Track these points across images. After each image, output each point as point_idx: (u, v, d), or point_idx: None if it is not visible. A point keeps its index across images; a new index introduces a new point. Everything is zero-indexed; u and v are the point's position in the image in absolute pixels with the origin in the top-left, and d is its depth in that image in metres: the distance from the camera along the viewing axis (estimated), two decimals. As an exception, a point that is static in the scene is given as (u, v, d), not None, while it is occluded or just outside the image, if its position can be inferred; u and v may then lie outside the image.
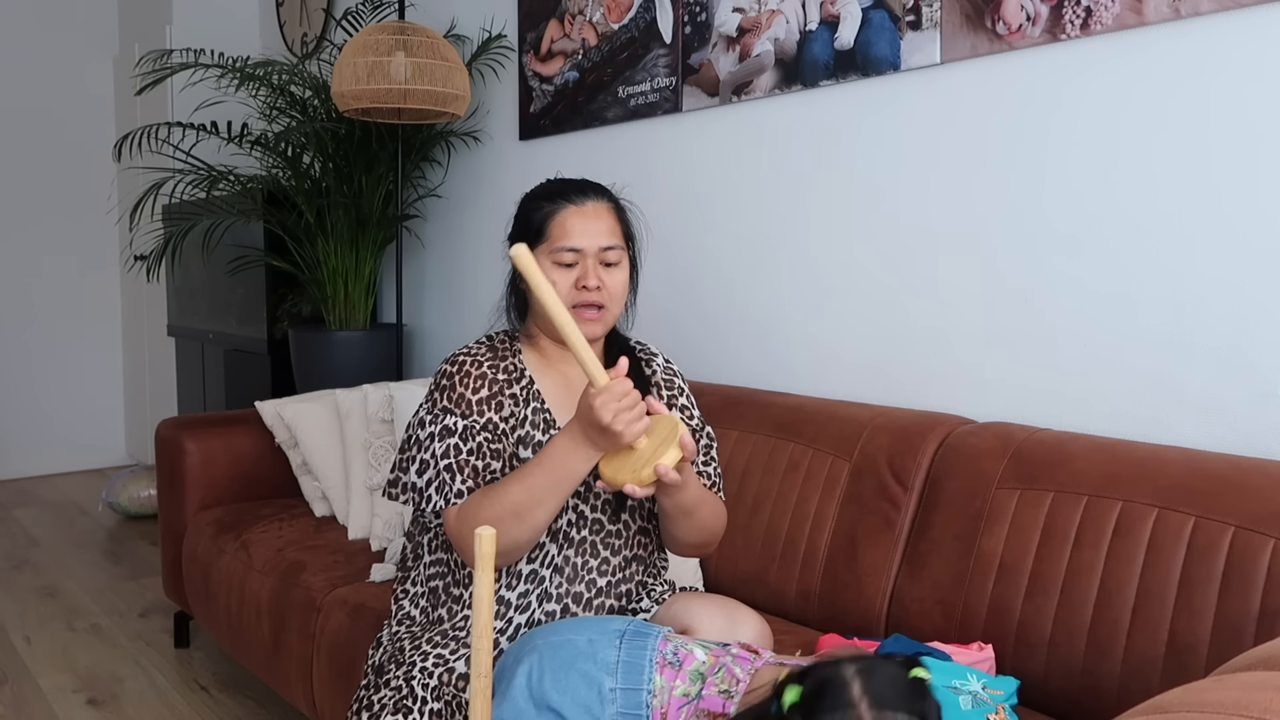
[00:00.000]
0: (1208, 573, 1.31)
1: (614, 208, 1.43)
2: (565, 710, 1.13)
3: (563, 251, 1.37)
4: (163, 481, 2.61)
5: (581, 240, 1.37)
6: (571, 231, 1.37)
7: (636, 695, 1.14)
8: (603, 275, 1.38)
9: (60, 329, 4.89)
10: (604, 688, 1.14)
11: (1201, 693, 0.69)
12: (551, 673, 1.16)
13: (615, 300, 1.40)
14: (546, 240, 1.38)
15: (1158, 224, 1.60)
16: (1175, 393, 1.59)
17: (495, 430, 1.37)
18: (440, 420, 1.37)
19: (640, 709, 1.13)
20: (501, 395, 1.39)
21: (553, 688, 1.15)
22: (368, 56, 2.70)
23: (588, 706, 1.14)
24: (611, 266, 1.39)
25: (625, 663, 1.16)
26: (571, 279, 1.37)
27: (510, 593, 1.39)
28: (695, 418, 1.52)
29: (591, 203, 1.40)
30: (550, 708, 1.14)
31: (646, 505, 1.47)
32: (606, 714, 1.14)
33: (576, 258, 1.37)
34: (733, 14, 2.24)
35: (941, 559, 1.59)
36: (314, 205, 3.14)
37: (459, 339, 3.23)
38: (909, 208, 1.95)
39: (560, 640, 1.20)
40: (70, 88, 4.81)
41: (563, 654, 1.18)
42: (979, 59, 1.81)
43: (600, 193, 1.42)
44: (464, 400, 1.37)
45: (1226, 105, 1.52)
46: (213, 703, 2.41)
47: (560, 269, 1.37)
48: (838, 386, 2.09)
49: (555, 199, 1.40)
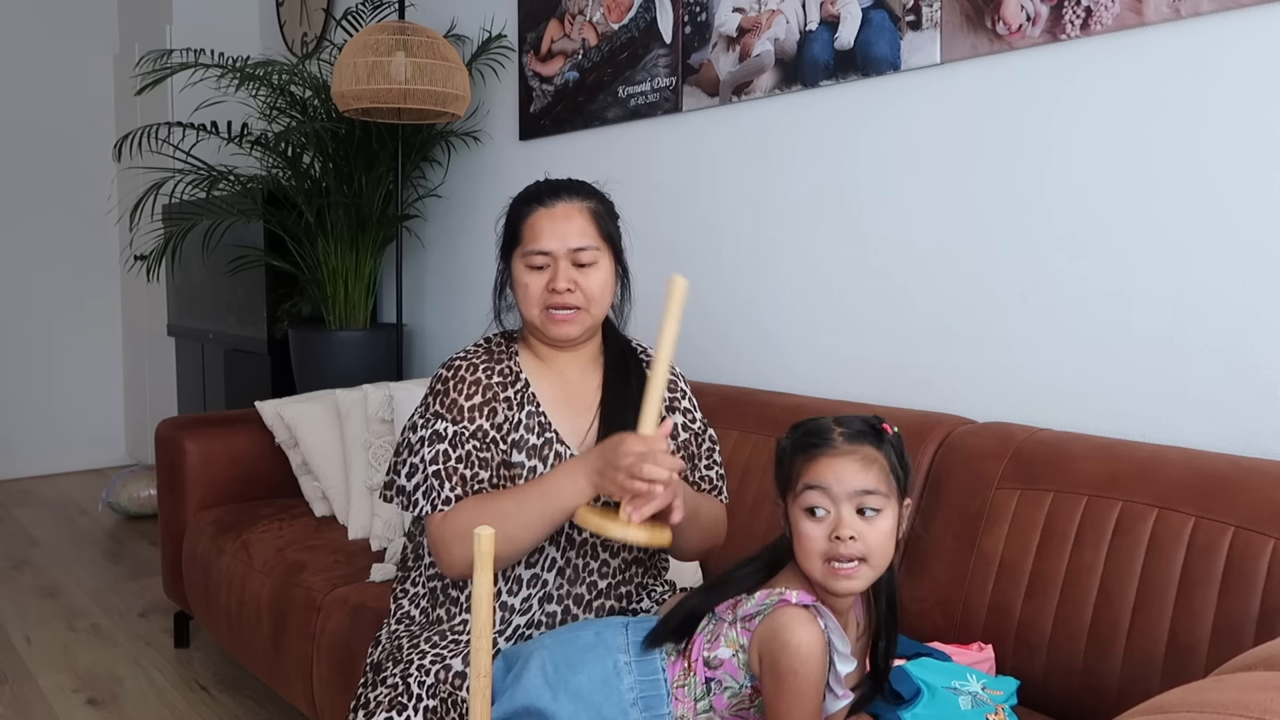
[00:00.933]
0: (1208, 573, 1.31)
1: (588, 207, 1.41)
2: (584, 688, 1.16)
3: (533, 255, 1.37)
4: (163, 481, 2.61)
5: (550, 243, 1.36)
6: (541, 234, 1.37)
7: (651, 663, 1.17)
8: (576, 277, 1.37)
9: (60, 329, 4.89)
10: (619, 662, 1.18)
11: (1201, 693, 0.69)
12: (566, 659, 1.20)
13: (594, 301, 1.39)
14: (521, 244, 1.39)
15: (1158, 224, 1.60)
16: (1175, 393, 1.59)
17: (484, 438, 1.37)
18: (431, 425, 1.37)
19: (657, 674, 1.17)
20: (495, 401, 1.39)
21: (569, 671, 1.18)
22: (368, 56, 2.70)
23: (604, 679, 1.17)
24: (586, 267, 1.38)
25: (635, 642, 1.20)
26: (543, 281, 1.37)
27: (513, 598, 1.39)
28: (697, 420, 1.52)
29: (562, 204, 1.39)
30: (567, 690, 1.17)
31: None
32: (624, 684, 1.16)
33: (547, 260, 1.37)
34: (733, 14, 2.24)
35: (941, 559, 1.59)
36: (314, 205, 3.14)
37: (459, 339, 3.23)
38: (909, 208, 1.95)
39: (569, 636, 1.24)
40: (70, 88, 4.81)
41: (573, 645, 1.21)
42: (979, 59, 1.81)
43: (574, 192, 1.41)
44: (456, 405, 1.37)
45: (1226, 105, 1.52)
46: (213, 703, 2.41)
47: (532, 271, 1.37)
48: (837, 386, 2.09)
49: (530, 202, 1.40)
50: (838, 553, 1.08)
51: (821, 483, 1.10)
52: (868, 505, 1.09)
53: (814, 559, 1.10)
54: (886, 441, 1.12)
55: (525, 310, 1.40)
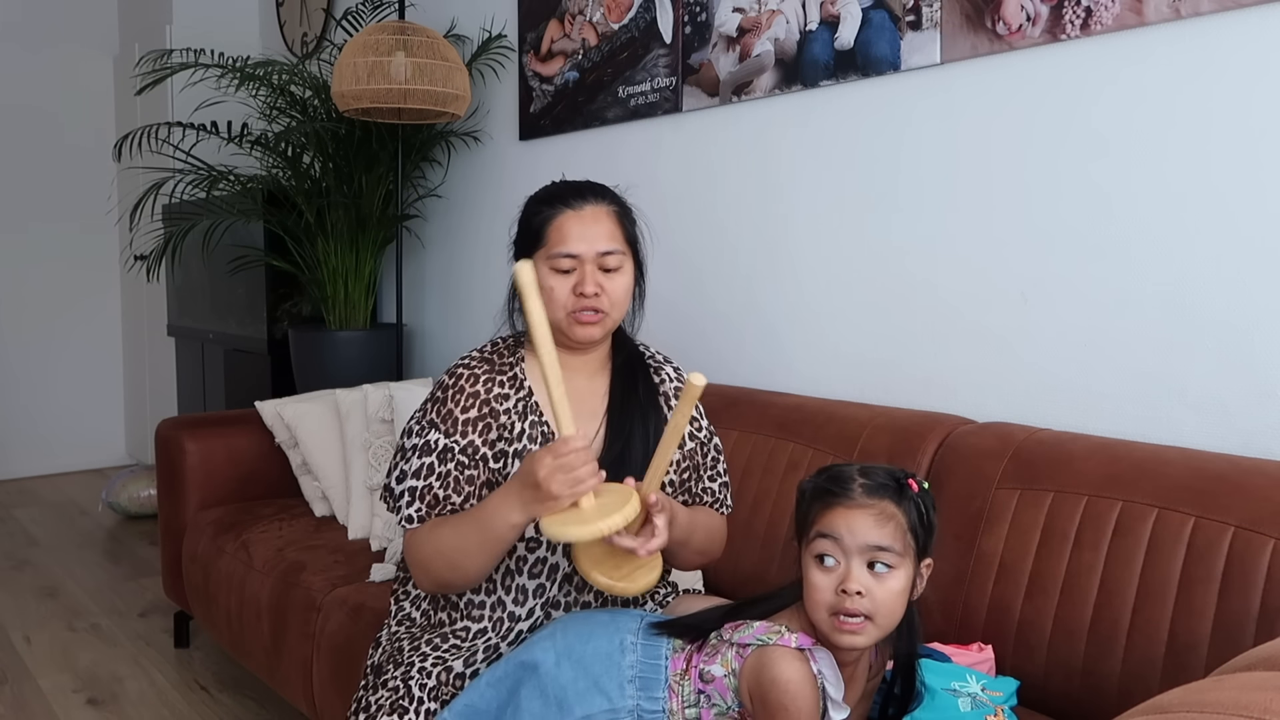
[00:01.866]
0: (1208, 573, 1.31)
1: (614, 211, 1.40)
2: (587, 657, 1.19)
3: (560, 258, 1.35)
4: (163, 481, 2.61)
5: (578, 245, 1.35)
6: (568, 236, 1.35)
7: (656, 648, 1.19)
8: (602, 280, 1.35)
9: (60, 329, 4.89)
10: (625, 640, 1.20)
11: (1201, 693, 0.69)
12: (578, 631, 1.23)
13: (616, 305, 1.38)
14: (545, 246, 1.36)
15: (1158, 223, 1.60)
16: (1175, 393, 1.59)
17: (474, 454, 1.36)
18: (425, 434, 1.37)
19: (659, 659, 1.18)
20: (491, 418, 1.37)
21: (578, 641, 1.21)
22: (368, 56, 2.70)
23: (609, 654, 1.19)
24: (611, 271, 1.37)
25: (646, 627, 1.22)
26: (569, 285, 1.35)
27: (520, 608, 1.38)
28: (703, 429, 1.52)
29: (590, 206, 1.37)
30: (571, 656, 1.19)
31: None
32: (626, 660, 1.18)
33: (574, 263, 1.35)
34: (733, 14, 2.24)
35: (941, 559, 1.59)
36: (314, 205, 3.14)
37: (459, 339, 3.23)
38: (909, 208, 1.95)
39: (585, 614, 1.27)
40: (70, 88, 4.81)
41: (588, 622, 1.24)
42: (979, 59, 1.81)
43: (600, 195, 1.40)
44: (451, 416, 1.36)
45: (1227, 105, 1.52)
46: (213, 703, 2.41)
47: (558, 275, 1.35)
48: (838, 386, 2.09)
49: (554, 203, 1.38)
50: (843, 606, 1.07)
51: (834, 532, 1.08)
52: (880, 560, 1.07)
53: (820, 609, 1.09)
54: (909, 498, 1.09)
55: (549, 313, 1.36)
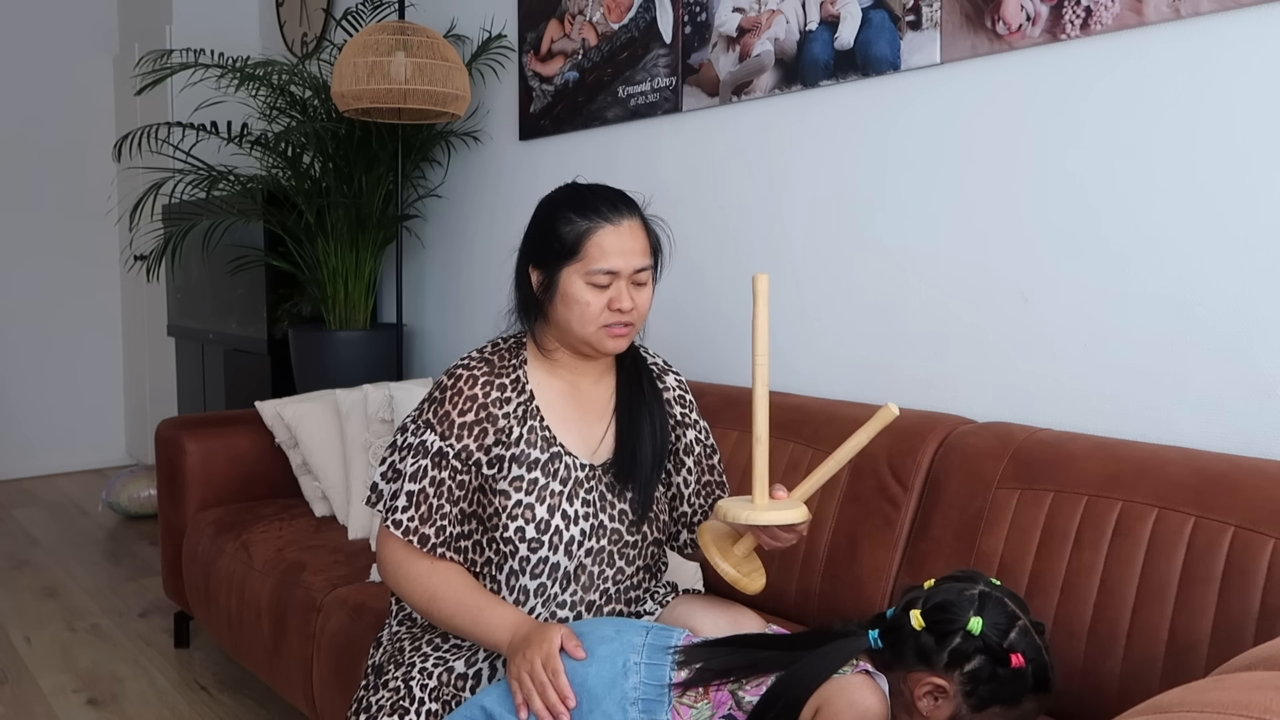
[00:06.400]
0: (1208, 573, 1.31)
1: (644, 224, 1.40)
2: (589, 680, 1.18)
3: (599, 274, 1.33)
4: (163, 481, 2.61)
5: (618, 262, 1.33)
6: (610, 253, 1.33)
7: (660, 669, 1.19)
8: (633, 293, 1.36)
9: (60, 329, 4.89)
10: (629, 661, 1.19)
11: (1201, 693, 0.69)
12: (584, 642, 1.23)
13: (643, 316, 1.40)
14: (581, 259, 1.33)
15: (1158, 223, 1.60)
16: (1175, 393, 1.59)
17: (467, 459, 1.36)
18: (420, 434, 1.37)
19: (663, 680, 1.18)
20: (489, 422, 1.37)
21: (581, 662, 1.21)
22: (368, 56, 2.70)
23: (612, 678, 1.18)
24: (641, 285, 1.38)
25: (650, 645, 1.21)
26: (604, 300, 1.34)
27: (522, 608, 1.38)
28: (704, 429, 1.55)
29: (628, 221, 1.36)
30: (573, 677, 1.19)
31: (663, 518, 1.48)
32: (629, 682, 1.18)
33: (611, 279, 1.34)
34: (733, 14, 2.24)
35: (941, 559, 1.59)
36: (314, 205, 3.14)
37: (459, 339, 3.23)
38: (909, 207, 1.95)
39: (588, 628, 1.26)
40: (70, 88, 4.81)
41: (591, 638, 1.23)
42: (979, 59, 1.81)
43: (632, 209, 1.39)
44: (448, 419, 1.36)
45: (1226, 105, 1.52)
46: (213, 703, 2.41)
47: (595, 289, 1.34)
48: (837, 386, 2.09)
49: (590, 215, 1.35)
50: None
51: None
52: None
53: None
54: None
55: (580, 326, 1.36)
